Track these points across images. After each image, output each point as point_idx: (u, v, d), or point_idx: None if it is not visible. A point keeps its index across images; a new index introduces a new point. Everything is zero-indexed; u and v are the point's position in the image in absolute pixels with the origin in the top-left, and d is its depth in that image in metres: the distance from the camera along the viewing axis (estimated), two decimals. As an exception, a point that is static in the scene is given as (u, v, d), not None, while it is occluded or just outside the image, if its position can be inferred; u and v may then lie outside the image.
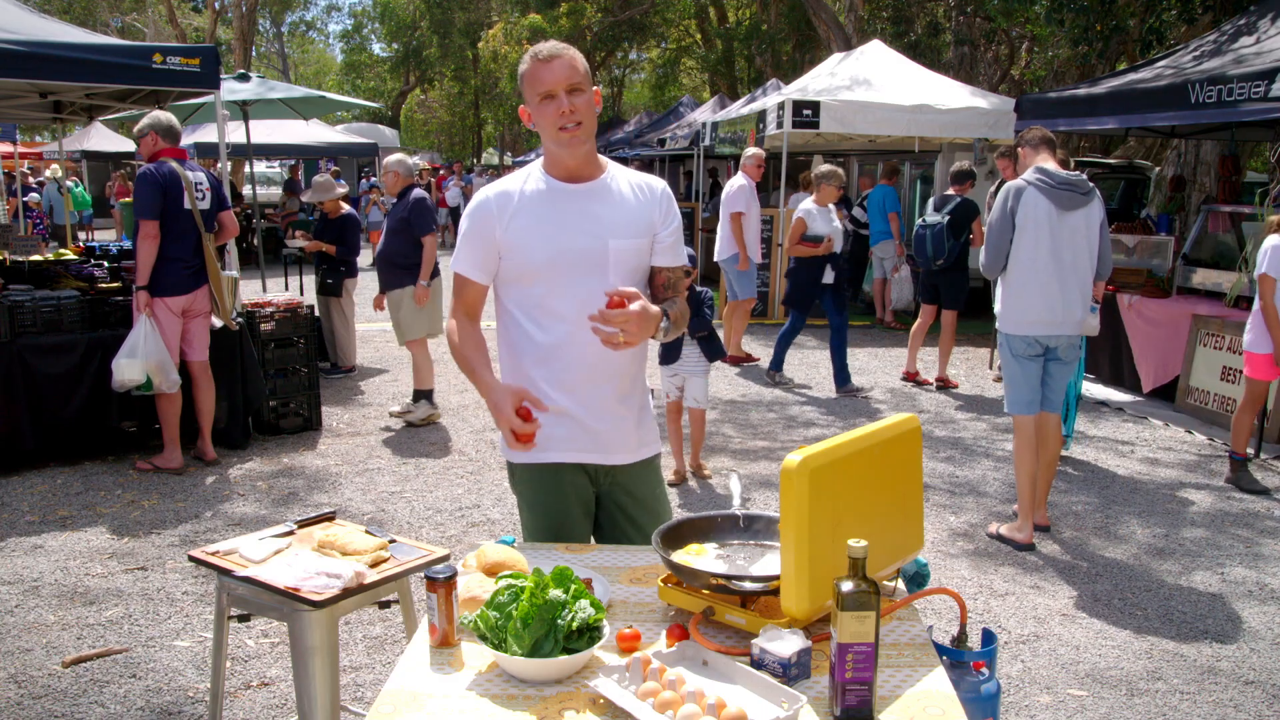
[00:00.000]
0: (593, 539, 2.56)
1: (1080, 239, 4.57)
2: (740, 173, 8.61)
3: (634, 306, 2.15)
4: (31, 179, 13.98)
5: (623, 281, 2.34)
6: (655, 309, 2.22)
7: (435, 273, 6.77)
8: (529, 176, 2.39)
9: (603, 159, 2.43)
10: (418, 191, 6.71)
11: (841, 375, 7.91)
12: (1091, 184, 4.65)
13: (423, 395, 6.91)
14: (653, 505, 2.52)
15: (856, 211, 11.61)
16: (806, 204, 7.77)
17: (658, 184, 2.46)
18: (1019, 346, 4.69)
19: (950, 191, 7.79)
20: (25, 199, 13.12)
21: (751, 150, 8.66)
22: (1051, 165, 4.65)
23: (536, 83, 2.26)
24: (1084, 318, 4.68)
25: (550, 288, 2.33)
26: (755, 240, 8.61)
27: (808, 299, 7.86)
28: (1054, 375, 4.75)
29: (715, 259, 8.93)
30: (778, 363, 8.20)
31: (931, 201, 8.02)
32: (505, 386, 2.23)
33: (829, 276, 7.73)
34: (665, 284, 2.45)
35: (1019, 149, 4.90)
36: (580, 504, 2.46)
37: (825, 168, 7.79)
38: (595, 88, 2.32)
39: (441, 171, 25.68)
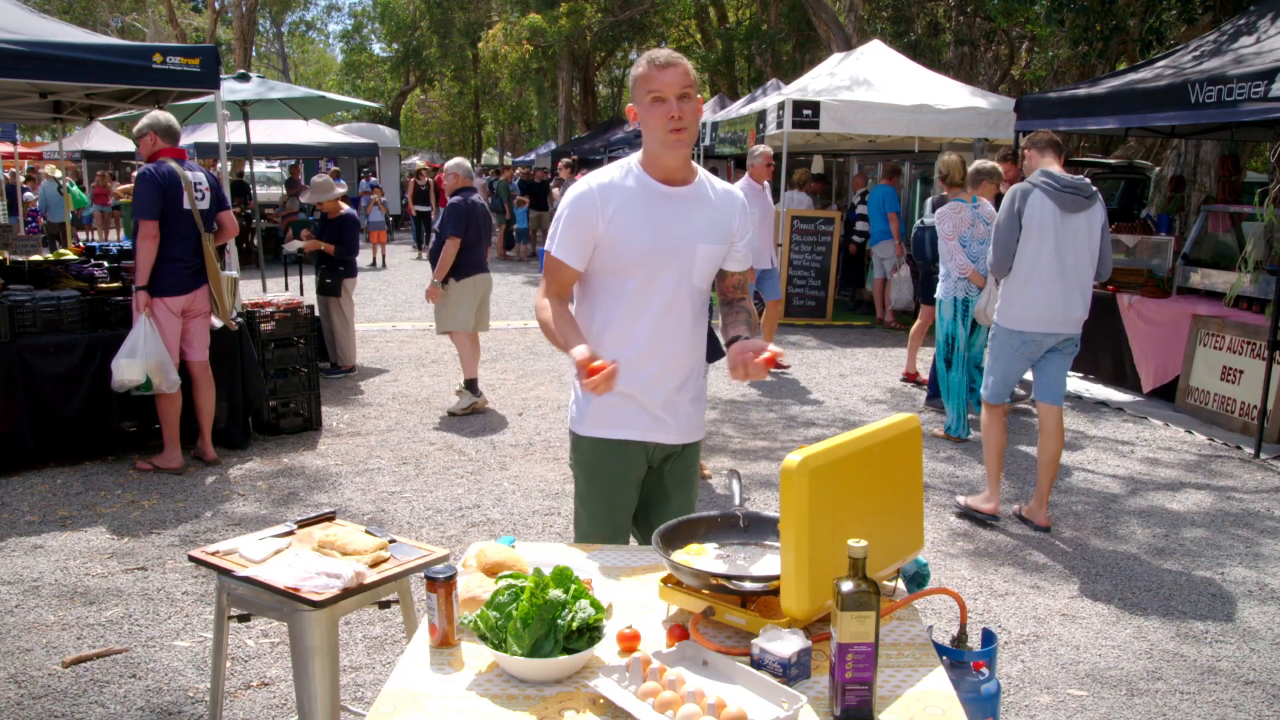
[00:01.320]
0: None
1: (1082, 240, 4.68)
2: (746, 176, 8.10)
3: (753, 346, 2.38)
4: (19, 179, 14.04)
5: (703, 280, 2.58)
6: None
7: (471, 272, 7.01)
8: (628, 172, 2.52)
9: (695, 165, 2.57)
10: (456, 196, 6.97)
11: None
12: (1094, 188, 4.74)
13: (468, 384, 7.20)
14: (689, 484, 2.75)
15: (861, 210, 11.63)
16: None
17: (737, 194, 2.64)
18: (1015, 343, 4.79)
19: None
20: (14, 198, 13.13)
21: (759, 149, 7.98)
22: (1056, 168, 4.77)
23: (650, 85, 2.39)
24: (1083, 316, 4.76)
25: (642, 282, 2.50)
26: (766, 246, 8.12)
27: None
28: (1054, 366, 4.85)
29: None
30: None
31: (930, 201, 8.00)
32: (582, 347, 2.34)
33: None
34: (736, 285, 2.70)
35: (1026, 151, 4.98)
36: (634, 479, 2.67)
37: (987, 164, 7.08)
38: (699, 97, 2.45)
39: (441, 172, 25.66)
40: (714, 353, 5.73)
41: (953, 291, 6.36)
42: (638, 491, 2.71)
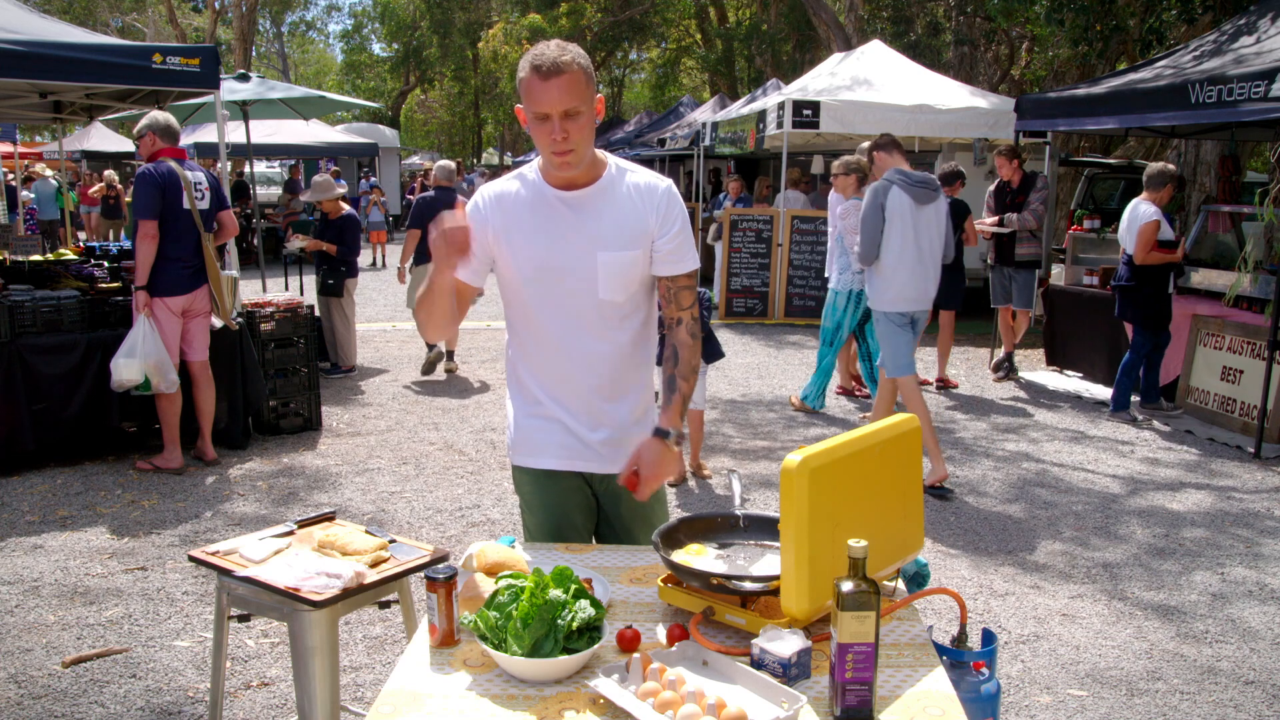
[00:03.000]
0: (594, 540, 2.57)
1: (934, 228, 5.37)
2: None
3: (647, 463, 2.23)
4: (12, 179, 14.12)
5: (613, 293, 2.27)
6: (671, 449, 2.26)
7: (421, 260, 8.00)
8: (525, 179, 2.31)
9: (606, 157, 2.32)
10: (425, 193, 8.11)
11: (1151, 391, 7.20)
12: (938, 181, 5.58)
13: (448, 354, 8.48)
14: (647, 511, 2.48)
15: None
16: (1149, 207, 6.73)
17: (660, 185, 2.30)
18: (897, 320, 5.42)
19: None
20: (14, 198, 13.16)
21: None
22: (905, 166, 5.41)
23: (532, 100, 2.12)
24: (934, 295, 5.48)
25: (539, 298, 2.29)
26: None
27: (1166, 313, 6.96)
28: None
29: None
30: (1153, 394, 7.18)
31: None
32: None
33: (1171, 285, 7.03)
34: (665, 294, 2.33)
35: (874, 153, 5.58)
36: (580, 509, 2.45)
37: (1169, 167, 6.86)
38: (599, 96, 2.20)
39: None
40: (712, 354, 5.73)
41: (850, 285, 6.76)
42: (589, 520, 2.48)
